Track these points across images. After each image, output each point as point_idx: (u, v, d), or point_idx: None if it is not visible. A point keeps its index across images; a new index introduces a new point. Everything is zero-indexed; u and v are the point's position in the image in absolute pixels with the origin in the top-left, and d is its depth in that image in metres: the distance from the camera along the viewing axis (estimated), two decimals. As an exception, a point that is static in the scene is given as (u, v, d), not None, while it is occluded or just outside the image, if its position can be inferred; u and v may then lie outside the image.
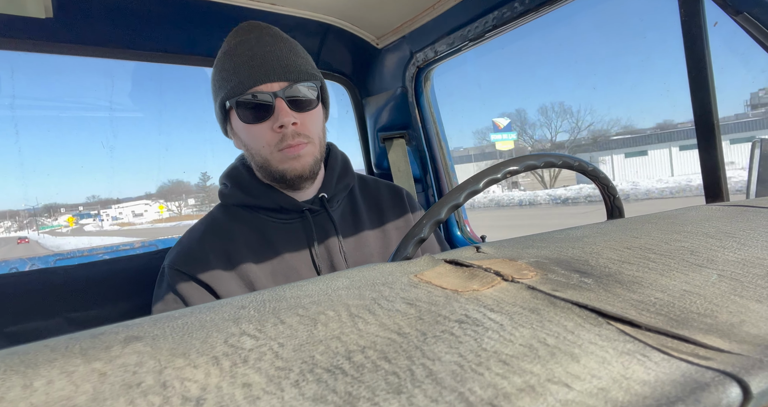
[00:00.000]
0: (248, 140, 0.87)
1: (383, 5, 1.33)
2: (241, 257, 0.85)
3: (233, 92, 0.83)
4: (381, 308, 0.29)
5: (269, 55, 0.83)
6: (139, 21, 1.18)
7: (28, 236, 53.77)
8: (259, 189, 0.91)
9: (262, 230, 0.89)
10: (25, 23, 1.05)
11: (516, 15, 1.13)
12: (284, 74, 0.83)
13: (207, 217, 0.94)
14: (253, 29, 0.87)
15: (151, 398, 0.20)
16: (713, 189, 0.88)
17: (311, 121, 0.87)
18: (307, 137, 0.85)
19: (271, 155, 0.85)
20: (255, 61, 0.82)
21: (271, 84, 0.82)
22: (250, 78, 0.82)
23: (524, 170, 0.55)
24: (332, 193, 0.95)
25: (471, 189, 0.52)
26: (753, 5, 0.75)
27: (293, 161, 0.84)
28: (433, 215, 0.50)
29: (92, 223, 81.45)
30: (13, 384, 0.21)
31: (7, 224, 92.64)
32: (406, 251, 0.47)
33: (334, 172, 0.97)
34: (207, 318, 0.29)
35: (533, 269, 0.36)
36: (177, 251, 0.87)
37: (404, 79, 1.53)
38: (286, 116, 0.81)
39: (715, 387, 0.19)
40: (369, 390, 0.20)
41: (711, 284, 0.31)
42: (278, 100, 0.82)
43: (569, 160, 0.59)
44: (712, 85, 0.86)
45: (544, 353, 0.23)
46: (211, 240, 0.87)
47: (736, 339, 0.23)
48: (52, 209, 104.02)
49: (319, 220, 0.92)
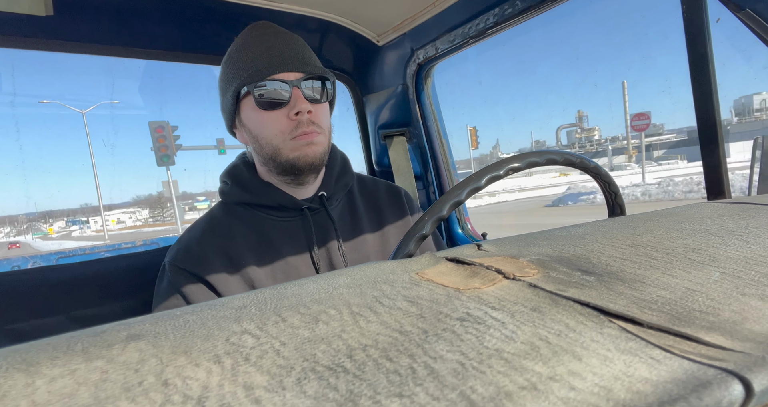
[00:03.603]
0: (260, 129, 0.87)
1: (384, 2, 1.33)
2: (240, 255, 0.86)
3: (250, 79, 0.84)
4: (382, 306, 0.29)
5: (287, 47, 0.86)
6: (138, 19, 1.18)
7: (21, 240, 53.60)
8: (258, 187, 0.91)
9: (262, 227, 0.89)
10: (25, 21, 1.04)
11: (517, 12, 1.12)
12: (301, 66, 0.85)
13: (207, 215, 0.95)
14: (269, 26, 0.90)
15: (153, 396, 0.20)
16: (715, 186, 0.88)
17: (323, 113, 0.89)
18: (319, 127, 0.86)
19: (284, 143, 0.85)
20: (273, 52, 0.85)
21: (288, 73, 0.84)
22: (269, 66, 0.83)
23: (526, 167, 0.55)
24: (331, 192, 0.95)
25: (473, 186, 0.52)
26: (756, 1, 0.75)
27: (306, 147, 0.85)
28: (435, 212, 0.50)
29: (78, 230, 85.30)
30: (15, 382, 0.21)
31: (6, 230, 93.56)
32: (408, 248, 0.47)
33: (333, 171, 0.98)
34: (208, 316, 0.29)
35: (535, 267, 0.36)
36: (177, 249, 0.88)
37: (405, 76, 1.53)
38: (303, 103, 0.83)
39: (718, 384, 0.19)
40: (371, 388, 0.20)
41: (713, 281, 0.31)
42: (295, 88, 0.84)
43: (571, 157, 0.59)
44: (714, 82, 0.86)
45: (546, 351, 0.22)
46: (211, 238, 0.87)
47: (738, 336, 0.23)
48: (48, 215, 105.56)
49: (318, 218, 0.92)
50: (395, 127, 1.63)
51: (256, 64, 0.84)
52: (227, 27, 1.29)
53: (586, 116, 63.87)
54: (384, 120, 1.65)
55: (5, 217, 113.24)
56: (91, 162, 33.78)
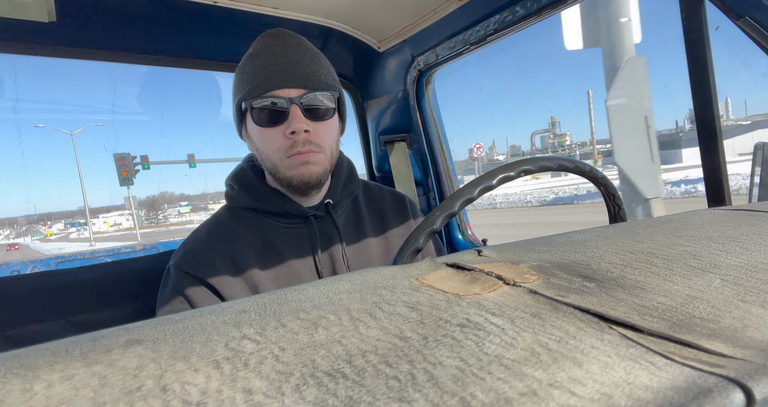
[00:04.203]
0: (260, 144, 0.87)
1: (385, 9, 1.34)
2: (245, 261, 0.85)
3: (250, 95, 0.83)
4: (382, 312, 0.29)
5: (290, 61, 0.83)
6: (141, 25, 1.18)
7: (20, 242, 53.60)
8: (266, 193, 0.91)
9: (267, 233, 0.89)
10: (29, 27, 1.05)
11: (518, 19, 1.13)
12: (303, 82, 0.83)
13: (212, 218, 0.94)
14: (280, 35, 0.87)
15: (152, 402, 0.20)
16: (716, 193, 0.88)
17: (325, 131, 0.86)
18: (318, 146, 0.84)
19: (281, 160, 0.84)
20: (276, 66, 0.83)
21: (289, 90, 0.82)
22: (268, 82, 0.82)
23: (519, 176, 0.54)
24: (337, 199, 0.95)
25: (466, 197, 0.51)
26: (754, 9, 0.75)
27: (301, 167, 0.83)
28: (427, 225, 0.49)
29: (76, 232, 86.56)
30: (14, 388, 0.21)
31: (6, 232, 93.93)
32: (402, 262, 0.47)
33: (340, 179, 0.97)
34: (208, 322, 0.29)
35: (535, 273, 0.36)
36: (182, 252, 0.87)
37: (406, 82, 1.54)
38: (299, 122, 0.81)
39: (719, 392, 0.19)
40: (370, 394, 0.20)
41: (714, 289, 0.31)
42: (293, 106, 0.82)
43: (565, 162, 0.59)
44: (713, 89, 0.86)
45: (546, 357, 0.22)
46: (216, 242, 0.87)
47: (739, 344, 0.23)
48: (46, 217, 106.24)
49: (323, 226, 0.92)
50: (396, 133, 1.63)
51: (258, 78, 0.83)
52: (229, 34, 1.30)
53: (559, 122, 65.07)
54: (385, 126, 1.66)
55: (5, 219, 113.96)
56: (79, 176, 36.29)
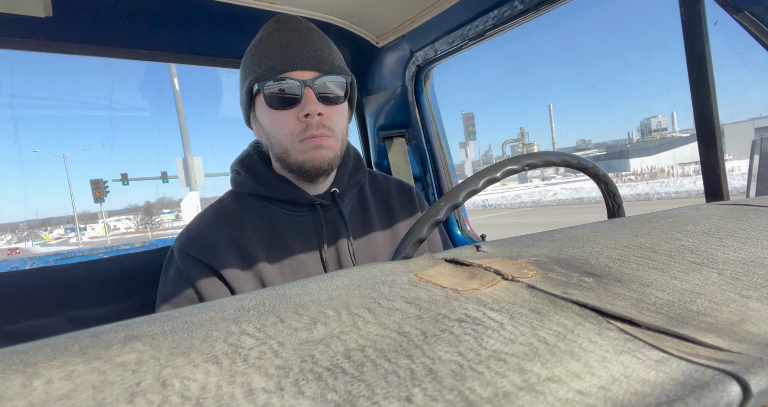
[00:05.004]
0: (270, 128, 0.85)
1: (383, 4, 1.33)
2: (250, 247, 0.84)
3: (263, 76, 0.81)
4: (381, 307, 0.29)
5: (304, 44, 0.82)
6: (139, 20, 1.18)
7: (21, 247, 53.91)
8: (273, 180, 0.89)
9: (273, 221, 0.88)
10: (24, 22, 1.04)
11: (516, 14, 1.13)
12: (316, 64, 0.82)
13: (217, 203, 0.93)
14: (290, 20, 0.87)
15: (151, 397, 0.20)
16: (713, 188, 0.88)
17: (337, 115, 0.85)
18: (331, 130, 0.83)
19: (292, 144, 0.83)
20: (289, 48, 0.81)
21: (302, 72, 0.81)
22: (282, 64, 0.81)
23: (523, 169, 0.55)
24: (344, 188, 0.94)
25: (470, 189, 0.52)
26: (753, 4, 0.75)
27: (314, 151, 0.82)
28: (431, 215, 0.50)
29: (75, 237, 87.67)
30: (12, 383, 0.21)
31: (8, 237, 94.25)
32: (406, 251, 0.47)
33: (346, 168, 0.97)
34: (207, 317, 0.29)
35: (533, 268, 0.36)
36: (187, 236, 0.86)
37: (404, 78, 1.53)
38: (314, 104, 0.80)
39: (715, 385, 0.19)
40: (369, 388, 0.20)
41: (712, 283, 0.31)
42: (307, 88, 0.81)
43: (568, 158, 0.59)
44: (712, 84, 0.86)
45: (544, 352, 0.22)
46: (222, 227, 0.86)
47: (736, 337, 0.23)
48: (47, 222, 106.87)
49: (330, 215, 0.91)
50: (394, 128, 1.63)
51: (270, 60, 0.81)
52: (227, 29, 1.29)
53: (527, 132, 67.25)
54: (383, 121, 1.65)
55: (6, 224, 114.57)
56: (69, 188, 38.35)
